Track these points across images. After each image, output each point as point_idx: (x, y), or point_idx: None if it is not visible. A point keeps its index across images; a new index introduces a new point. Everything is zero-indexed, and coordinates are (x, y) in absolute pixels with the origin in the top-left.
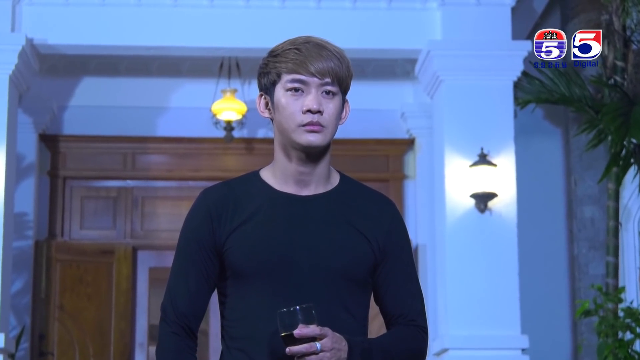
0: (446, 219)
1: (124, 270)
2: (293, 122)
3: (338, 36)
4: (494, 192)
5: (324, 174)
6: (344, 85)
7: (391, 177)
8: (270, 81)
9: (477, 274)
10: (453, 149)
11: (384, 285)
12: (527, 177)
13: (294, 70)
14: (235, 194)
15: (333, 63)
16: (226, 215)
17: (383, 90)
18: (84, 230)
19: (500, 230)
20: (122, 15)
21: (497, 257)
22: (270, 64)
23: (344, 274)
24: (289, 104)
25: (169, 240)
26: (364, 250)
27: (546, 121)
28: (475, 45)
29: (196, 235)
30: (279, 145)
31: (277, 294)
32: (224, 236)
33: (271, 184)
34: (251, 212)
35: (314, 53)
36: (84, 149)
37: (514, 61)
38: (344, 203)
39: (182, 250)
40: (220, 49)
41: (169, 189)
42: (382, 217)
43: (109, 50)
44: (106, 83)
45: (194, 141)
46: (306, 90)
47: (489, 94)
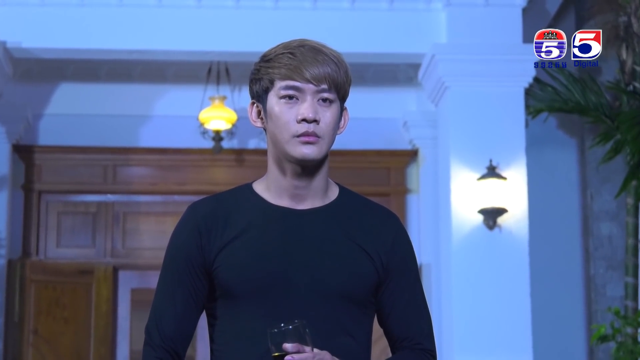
0: (452, 237)
1: (103, 292)
2: (287, 132)
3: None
4: (504, 207)
5: (322, 188)
6: (342, 92)
7: (393, 191)
8: (262, 88)
9: (485, 296)
10: (459, 161)
11: (388, 306)
12: (539, 191)
13: (287, 76)
14: (226, 208)
15: (330, 68)
16: (216, 231)
17: (384, 98)
18: (61, 249)
19: (510, 249)
20: (102, 16)
21: (507, 278)
22: (263, 70)
23: (343, 294)
24: (283, 113)
25: (153, 260)
26: (365, 268)
27: (560, 131)
28: (483, 49)
29: (183, 252)
30: (272, 157)
31: (270, 316)
32: (213, 253)
33: (265, 197)
34: (243, 227)
35: (310, 57)
36: (61, 161)
37: (525, 66)
38: (344, 217)
39: (168, 268)
40: (208, 52)
41: (153, 204)
42: (385, 232)
43: (88, 54)
44: (85, 89)
45: (179, 152)
46: (301, 97)
47: (498, 101)
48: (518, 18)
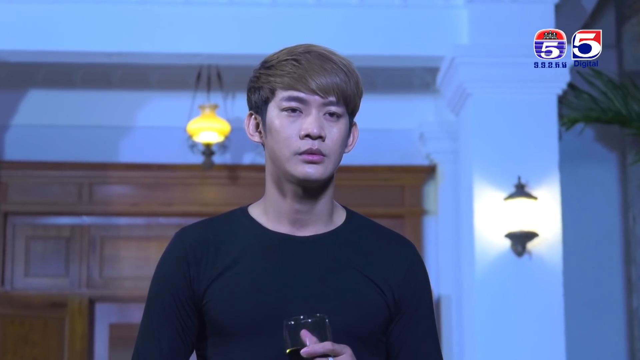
0: (475, 265)
1: (78, 328)
2: (288, 149)
3: (342, 40)
4: (534, 231)
5: (326, 212)
6: (352, 106)
7: (407, 213)
8: (261, 98)
9: (513, 333)
10: (484, 179)
11: (398, 344)
12: (574, 212)
13: (291, 86)
14: (218, 235)
15: (339, 78)
16: (206, 261)
17: (397, 106)
18: (30, 278)
19: (542, 278)
20: (76, 14)
21: (538, 312)
22: (263, 77)
23: (349, 332)
24: (284, 127)
25: (135, 291)
26: (375, 302)
27: (598, 144)
28: (511, 51)
29: (170, 284)
30: (271, 176)
31: (267, 356)
32: (203, 286)
33: (261, 222)
34: (236, 256)
35: (316, 66)
36: (30, 178)
37: (558, 71)
38: (351, 245)
39: (153, 302)
40: (197, 55)
41: (135, 228)
42: (397, 262)
43: (60, 57)
44: (57, 97)
45: (165, 168)
46: (305, 110)
47: (528, 110)
48: (550, 16)
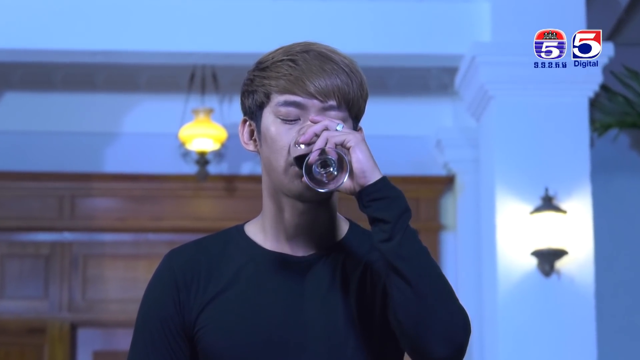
0: (498, 285)
1: (59, 355)
2: (284, 159)
3: (350, 37)
4: (564, 248)
5: (329, 228)
6: (356, 110)
7: (423, 228)
8: (256, 103)
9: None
10: (507, 190)
11: None
12: (608, 227)
13: (287, 89)
14: (210, 256)
15: (340, 80)
16: (197, 285)
17: (412, 111)
18: (5, 301)
19: (572, 301)
20: (57, 9)
21: (568, 336)
22: (257, 80)
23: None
24: (280, 135)
25: (121, 315)
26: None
27: (634, 152)
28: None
29: (159, 310)
30: (267, 189)
31: None
32: (194, 312)
33: (258, 241)
34: (230, 278)
35: (315, 66)
36: (5, 190)
37: (589, 71)
38: (354, 263)
39: (140, 332)
40: (190, 54)
41: (121, 245)
42: None
43: (39, 56)
44: (36, 100)
45: (155, 179)
46: (303, 116)
47: (556, 115)
48: (581, 10)
